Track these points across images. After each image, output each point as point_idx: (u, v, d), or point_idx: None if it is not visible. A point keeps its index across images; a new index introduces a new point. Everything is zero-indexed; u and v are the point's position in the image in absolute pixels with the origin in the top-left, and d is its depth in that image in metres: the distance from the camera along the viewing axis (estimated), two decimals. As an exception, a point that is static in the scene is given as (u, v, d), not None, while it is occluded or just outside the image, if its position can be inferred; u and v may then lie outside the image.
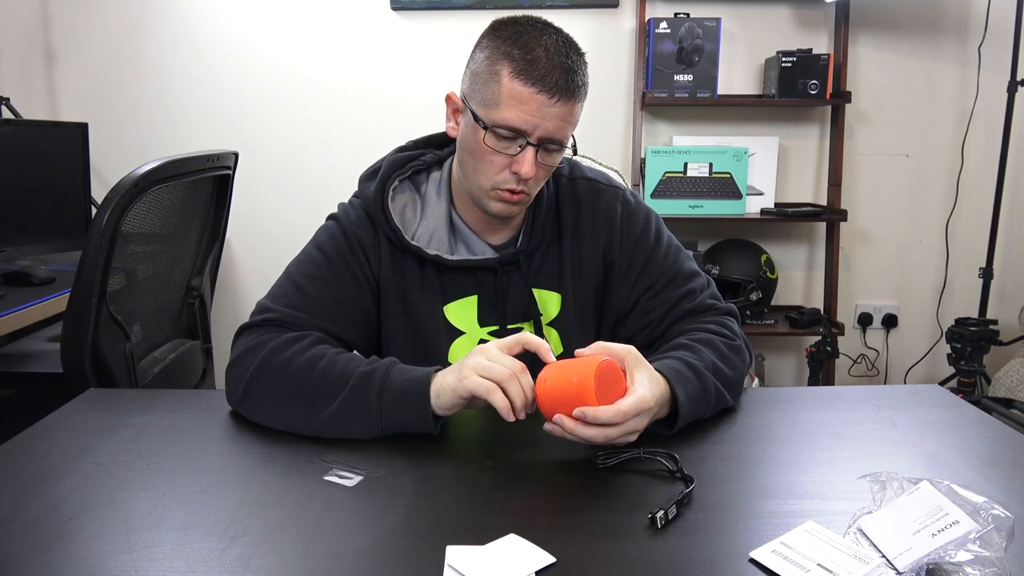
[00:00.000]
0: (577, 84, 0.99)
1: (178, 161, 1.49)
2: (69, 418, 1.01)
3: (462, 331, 1.13)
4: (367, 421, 0.92)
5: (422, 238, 1.11)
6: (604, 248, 1.14)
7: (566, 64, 0.98)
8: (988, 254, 2.53)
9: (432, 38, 2.64)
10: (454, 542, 0.69)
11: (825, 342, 2.57)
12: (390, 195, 1.11)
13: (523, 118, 0.98)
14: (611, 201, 1.15)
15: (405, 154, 1.16)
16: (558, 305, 1.14)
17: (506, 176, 1.02)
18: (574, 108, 1.00)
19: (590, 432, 0.83)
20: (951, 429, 0.96)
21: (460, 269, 1.11)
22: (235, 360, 1.01)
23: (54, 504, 0.77)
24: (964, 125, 2.67)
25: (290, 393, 0.95)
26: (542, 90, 0.96)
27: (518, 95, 0.97)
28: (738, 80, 2.69)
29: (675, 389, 0.92)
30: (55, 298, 1.75)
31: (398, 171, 1.14)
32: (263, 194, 2.72)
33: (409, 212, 1.12)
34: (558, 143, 1.01)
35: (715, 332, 1.07)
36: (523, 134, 0.99)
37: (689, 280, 1.14)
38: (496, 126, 0.99)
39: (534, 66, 0.96)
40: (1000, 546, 0.63)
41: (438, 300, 1.11)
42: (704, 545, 0.70)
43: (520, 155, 1.00)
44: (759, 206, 2.63)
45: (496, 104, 0.99)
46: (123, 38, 2.66)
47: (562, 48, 0.99)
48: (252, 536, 0.71)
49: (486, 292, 1.12)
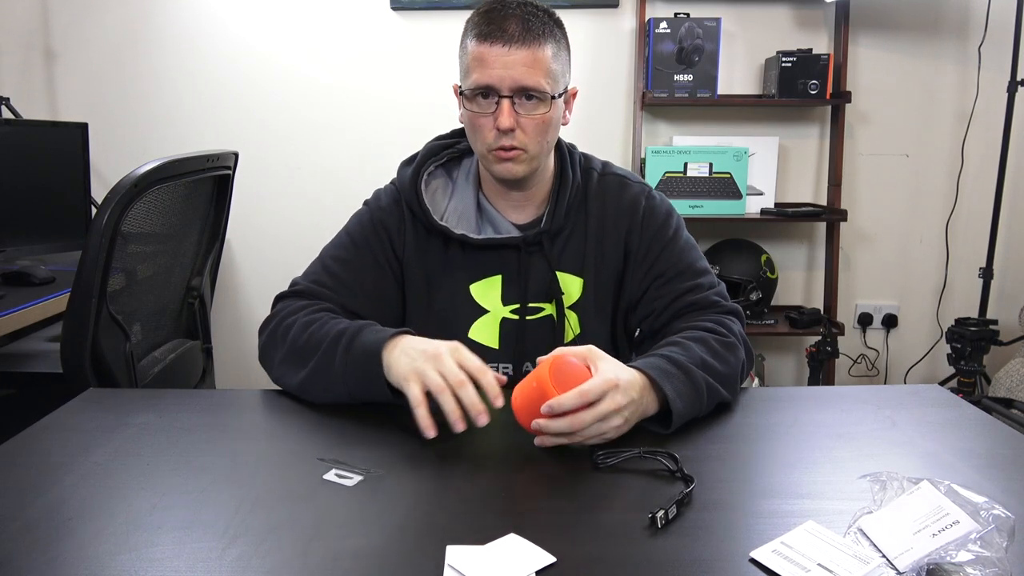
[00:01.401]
0: (534, 30, 1.04)
1: (178, 161, 1.49)
2: (69, 418, 1.01)
3: (487, 309, 1.18)
4: (336, 381, 0.98)
5: (450, 220, 1.17)
6: (625, 237, 1.19)
7: (520, 15, 1.05)
8: (988, 254, 2.53)
9: (432, 38, 2.64)
10: (454, 542, 0.69)
11: (825, 342, 2.57)
12: (424, 179, 1.18)
13: (487, 74, 1.05)
14: (636, 195, 1.20)
15: (442, 142, 1.23)
16: (579, 290, 1.19)
17: (494, 135, 1.08)
18: (536, 53, 1.05)
19: (563, 423, 0.85)
20: (951, 429, 0.96)
21: (485, 248, 1.16)
22: (262, 326, 1.13)
23: (54, 504, 0.77)
24: (964, 125, 2.67)
25: (287, 350, 1.05)
26: (496, 42, 1.04)
27: (479, 55, 1.05)
28: (738, 80, 2.69)
29: (662, 386, 0.93)
30: (55, 298, 1.75)
31: (433, 158, 1.21)
32: (263, 194, 2.72)
33: (440, 196, 1.20)
34: (533, 91, 1.06)
35: (708, 330, 1.08)
36: (493, 90, 1.06)
37: (698, 276, 1.17)
38: (471, 90, 1.07)
39: (490, 24, 1.05)
40: (1000, 546, 0.63)
41: (464, 279, 1.17)
42: (704, 545, 0.70)
43: (497, 110, 1.06)
44: (759, 206, 2.63)
45: (468, 72, 1.08)
46: (123, 38, 2.66)
47: (522, 5, 1.05)
48: (252, 536, 0.71)
49: (509, 271, 1.17)
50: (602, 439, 0.88)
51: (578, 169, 1.20)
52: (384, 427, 0.96)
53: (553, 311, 1.18)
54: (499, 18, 1.04)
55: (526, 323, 1.17)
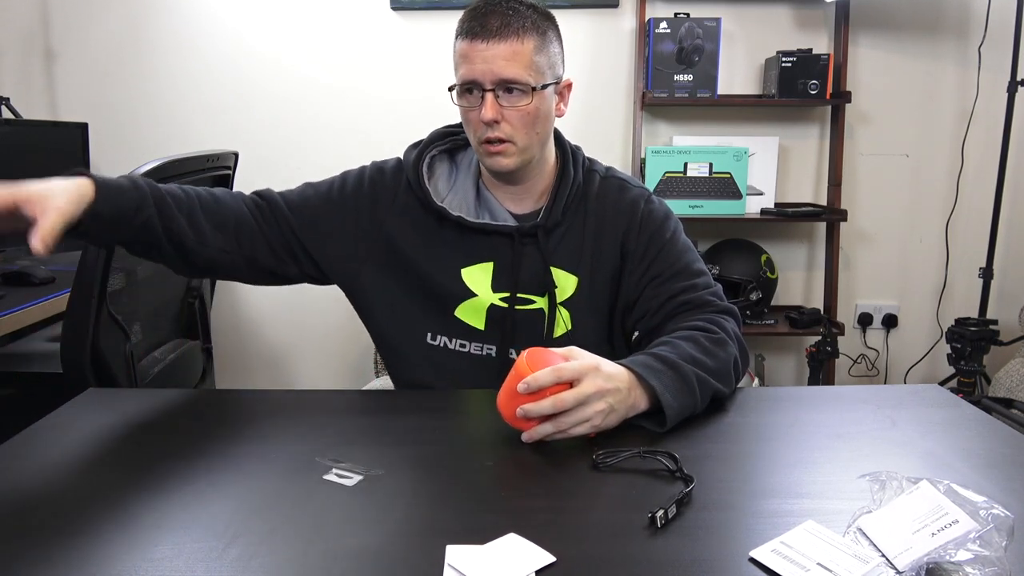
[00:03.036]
0: (514, 24, 1.07)
1: (178, 161, 1.49)
2: (69, 418, 1.01)
3: (475, 293, 1.18)
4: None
5: (450, 203, 1.18)
6: (623, 238, 1.20)
7: (502, 11, 1.08)
8: (988, 254, 2.53)
9: (432, 38, 2.64)
10: (454, 542, 0.69)
11: (825, 342, 2.57)
12: (427, 161, 1.21)
13: (470, 69, 1.08)
14: (636, 198, 1.21)
15: (447, 128, 1.25)
16: (574, 287, 1.19)
17: (483, 128, 1.10)
18: (515, 46, 1.07)
19: (546, 403, 0.86)
20: (951, 429, 0.96)
21: (479, 232, 1.17)
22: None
23: (54, 504, 0.77)
24: (964, 125, 2.67)
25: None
26: (476, 37, 1.07)
27: (463, 52, 1.09)
28: (738, 80, 2.69)
29: (648, 380, 0.93)
30: (55, 298, 1.75)
31: (438, 141, 1.24)
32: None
33: (442, 181, 1.22)
34: (514, 83, 1.08)
35: (699, 328, 1.08)
36: (477, 84, 1.08)
37: (693, 277, 1.17)
38: (458, 86, 1.11)
39: (472, 21, 1.08)
40: (1000, 545, 0.63)
41: (457, 261, 1.18)
42: (704, 545, 0.70)
43: (481, 104, 1.09)
44: (759, 206, 2.63)
45: (456, 69, 1.11)
46: (123, 38, 2.66)
47: (507, 1, 1.08)
48: (252, 536, 0.71)
49: (502, 259, 1.18)
50: (589, 426, 0.89)
51: (580, 169, 1.21)
52: (384, 427, 0.96)
53: (545, 305, 1.18)
54: (481, 15, 1.07)
55: (515, 312, 1.18)
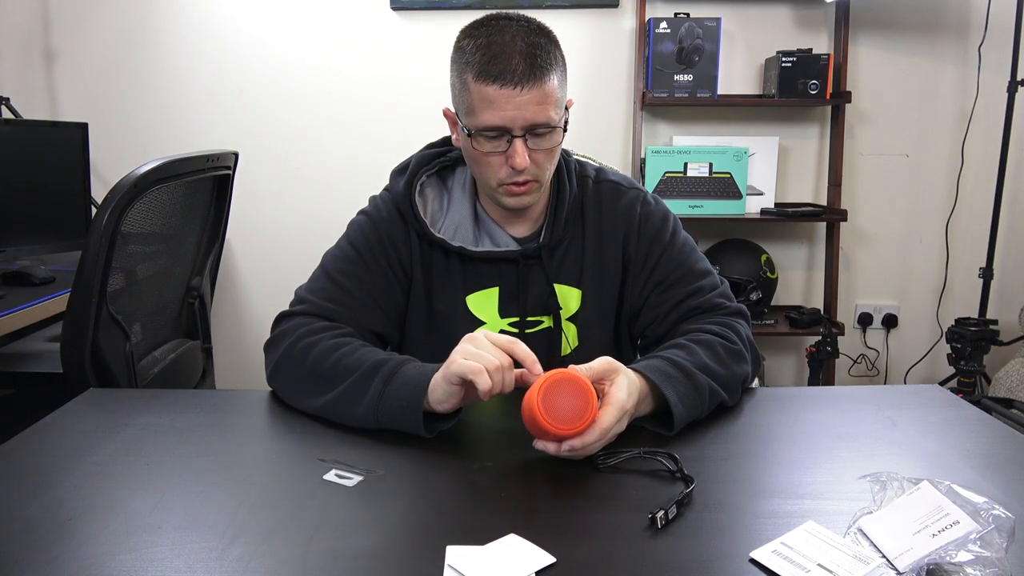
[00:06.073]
0: (540, 65, 1.00)
1: (178, 161, 1.49)
2: (69, 418, 1.01)
3: (483, 321, 1.16)
4: (367, 406, 0.94)
5: (448, 231, 1.14)
6: (623, 245, 1.17)
7: (524, 50, 0.99)
8: (988, 254, 2.53)
9: (432, 38, 2.64)
10: (454, 542, 0.69)
11: (825, 342, 2.57)
12: (417, 189, 1.15)
13: (498, 115, 1.00)
14: (632, 201, 1.18)
15: (433, 151, 1.20)
16: (578, 301, 1.17)
17: (507, 172, 1.05)
18: (545, 88, 1.01)
19: (576, 451, 0.83)
20: (951, 429, 0.96)
21: (483, 260, 1.14)
22: (270, 341, 1.09)
23: (54, 504, 0.77)
24: (964, 125, 2.67)
25: (308, 371, 1.01)
26: (505, 84, 0.99)
27: (487, 96, 1.00)
28: (738, 80, 2.69)
29: (663, 390, 0.92)
30: (55, 298, 1.75)
31: (425, 167, 1.18)
32: (263, 194, 2.72)
33: (436, 206, 1.16)
34: (544, 126, 1.02)
35: (716, 334, 1.07)
36: (506, 130, 1.02)
37: (699, 278, 1.15)
38: (479, 130, 1.03)
39: (493, 63, 0.99)
40: (1000, 546, 0.63)
41: (460, 290, 1.15)
42: (704, 545, 0.70)
43: (511, 149, 1.03)
44: (759, 206, 2.63)
45: (473, 111, 1.02)
46: (123, 38, 2.66)
47: (520, 34, 1.00)
48: (252, 536, 0.71)
49: (507, 284, 1.15)
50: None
51: (574, 179, 1.17)
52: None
53: (551, 323, 1.16)
54: (503, 56, 0.99)
55: (526, 336, 1.15)
